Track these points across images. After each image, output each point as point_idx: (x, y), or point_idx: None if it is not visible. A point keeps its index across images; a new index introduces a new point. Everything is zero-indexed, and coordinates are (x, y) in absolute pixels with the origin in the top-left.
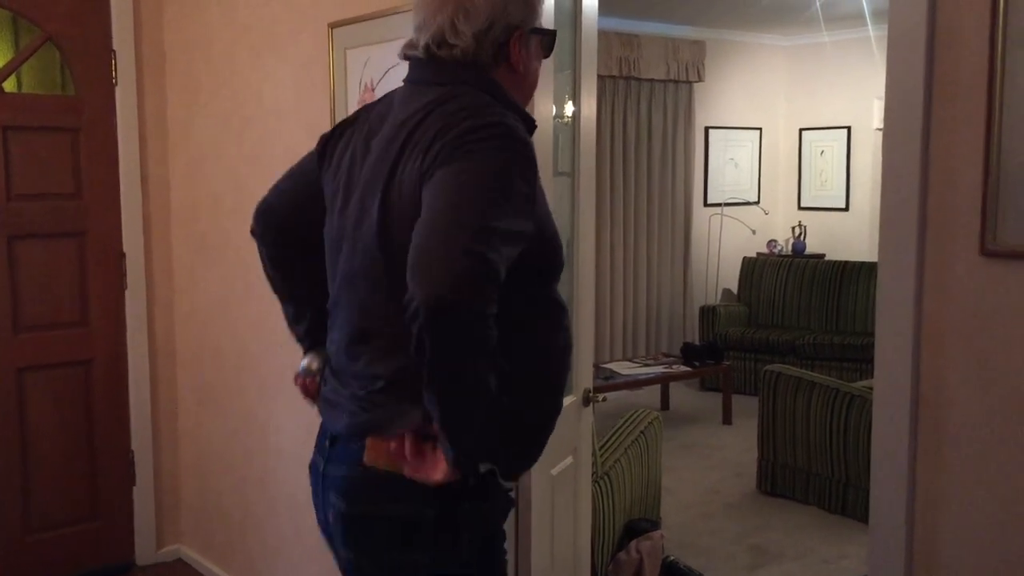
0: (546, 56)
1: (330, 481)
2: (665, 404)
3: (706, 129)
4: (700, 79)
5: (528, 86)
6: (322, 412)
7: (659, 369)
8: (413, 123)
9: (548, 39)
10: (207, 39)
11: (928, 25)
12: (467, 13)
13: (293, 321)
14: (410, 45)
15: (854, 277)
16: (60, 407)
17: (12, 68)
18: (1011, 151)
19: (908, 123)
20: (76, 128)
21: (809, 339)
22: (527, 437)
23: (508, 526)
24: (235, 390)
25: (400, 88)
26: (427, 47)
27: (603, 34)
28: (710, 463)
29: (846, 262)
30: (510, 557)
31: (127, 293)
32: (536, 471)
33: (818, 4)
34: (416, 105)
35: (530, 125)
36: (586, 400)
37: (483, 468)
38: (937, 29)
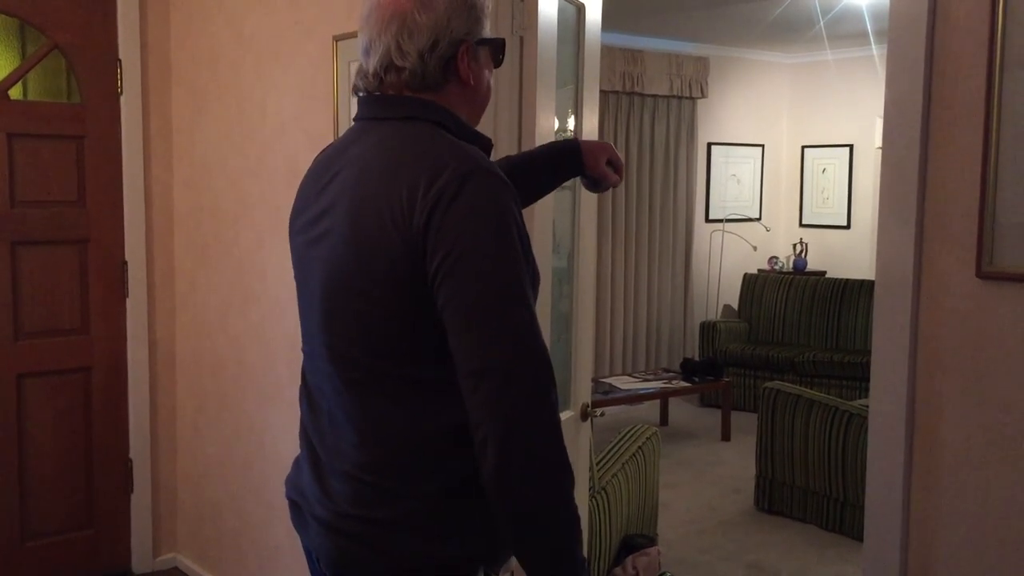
0: (496, 66)
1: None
2: (664, 420)
3: (708, 145)
4: (703, 95)
5: (481, 99)
6: None
7: (658, 384)
8: (370, 168)
9: (497, 49)
10: (212, 50)
11: (927, 46)
12: (411, 32)
13: None
14: (360, 73)
15: (855, 295)
16: (59, 414)
17: (19, 75)
18: (1008, 173)
19: (906, 143)
20: (81, 136)
21: (809, 356)
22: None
23: None
24: (234, 399)
25: (350, 129)
26: (375, 73)
27: (607, 49)
28: (708, 479)
29: (847, 280)
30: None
31: (128, 301)
32: None
33: (822, 23)
34: (367, 144)
35: (485, 145)
36: (584, 414)
37: None
38: (936, 51)
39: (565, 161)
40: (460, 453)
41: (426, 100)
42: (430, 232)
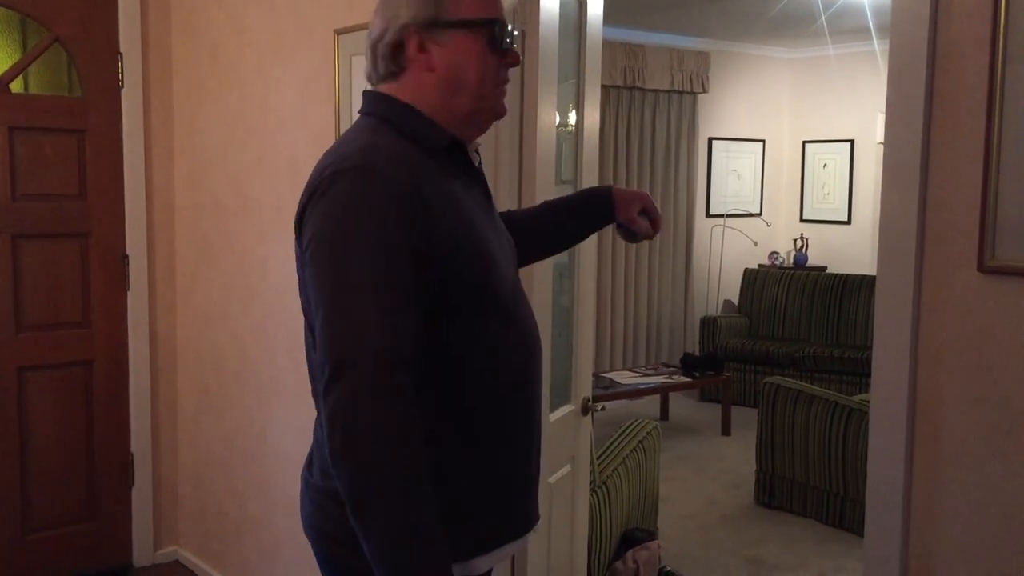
0: (496, 47)
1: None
2: (664, 414)
3: (709, 140)
4: (704, 90)
5: (454, 85)
6: None
7: (659, 379)
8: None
9: (485, 30)
10: (214, 44)
11: (929, 41)
12: (371, 26)
13: None
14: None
15: (855, 290)
16: (60, 407)
17: (20, 69)
18: (1010, 168)
19: (908, 138)
20: (82, 129)
21: (809, 351)
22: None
23: None
24: (235, 393)
25: None
26: (367, 71)
27: (608, 44)
28: (708, 474)
29: (847, 275)
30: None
31: (129, 295)
32: None
33: (823, 18)
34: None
35: (440, 141)
36: (585, 409)
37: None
38: (938, 45)
39: (596, 208)
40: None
41: (382, 95)
42: (302, 228)
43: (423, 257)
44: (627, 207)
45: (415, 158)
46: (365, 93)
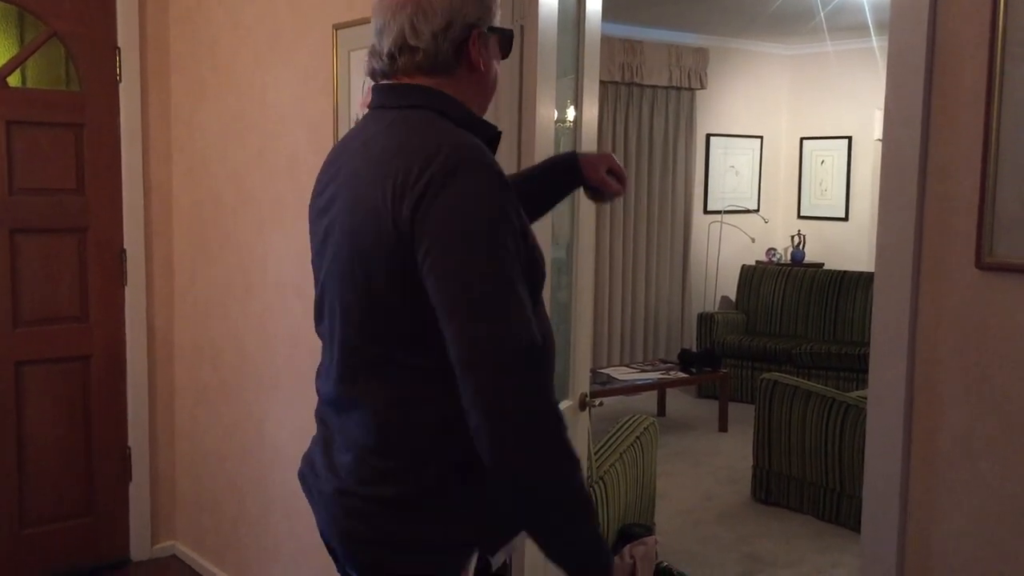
0: (504, 56)
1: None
2: (661, 410)
3: (707, 136)
4: (702, 86)
5: (489, 86)
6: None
7: (656, 375)
8: (370, 158)
9: (506, 39)
10: (212, 38)
11: (928, 38)
12: (425, 13)
13: None
14: (374, 53)
15: (852, 287)
16: (58, 402)
17: (17, 63)
18: (1009, 164)
19: (907, 135)
20: (80, 124)
21: (806, 348)
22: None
23: None
24: (233, 388)
25: (364, 116)
26: (390, 53)
27: (606, 40)
28: (705, 470)
29: (845, 272)
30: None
31: (127, 289)
32: None
33: (822, 14)
34: (373, 132)
35: (491, 134)
36: (582, 404)
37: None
38: (937, 42)
39: (563, 174)
40: (454, 440)
41: (432, 88)
42: (416, 221)
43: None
44: (595, 169)
45: None
46: (400, 86)
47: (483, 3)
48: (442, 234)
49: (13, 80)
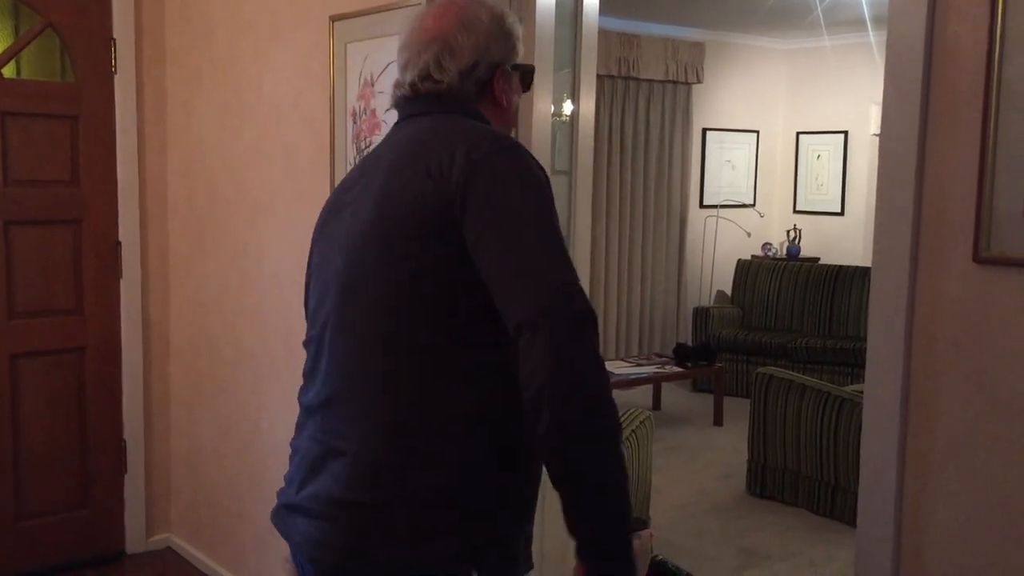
0: (525, 91)
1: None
2: (657, 404)
3: (703, 130)
4: (699, 80)
5: (510, 120)
6: None
7: (651, 369)
8: (403, 148)
9: (528, 75)
10: (208, 30)
11: (927, 33)
12: (452, 52)
13: None
14: (397, 84)
15: (848, 281)
16: (53, 394)
17: (12, 54)
18: (1006, 158)
19: (905, 130)
20: (75, 116)
21: (802, 342)
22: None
23: None
24: (228, 381)
25: (391, 130)
26: (412, 83)
27: (603, 33)
28: (700, 464)
29: (840, 266)
30: None
31: (122, 282)
32: None
33: (819, 9)
34: (403, 136)
35: None
36: None
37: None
38: (936, 37)
39: None
40: (472, 439)
41: (464, 103)
42: (469, 193)
43: None
44: None
45: None
46: (428, 95)
47: (508, 43)
48: (497, 206)
49: (8, 71)
